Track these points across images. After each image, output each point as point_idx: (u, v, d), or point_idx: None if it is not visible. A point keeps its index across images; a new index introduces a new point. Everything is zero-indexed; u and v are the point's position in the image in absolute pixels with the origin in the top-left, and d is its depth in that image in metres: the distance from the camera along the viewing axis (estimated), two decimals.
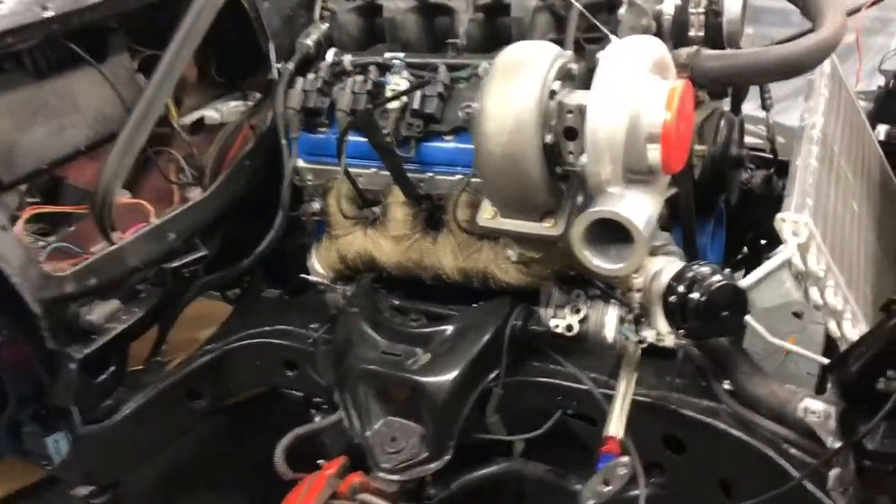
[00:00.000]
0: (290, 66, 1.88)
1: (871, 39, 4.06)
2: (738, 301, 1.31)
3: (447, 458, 1.56)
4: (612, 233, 1.33)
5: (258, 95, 2.03)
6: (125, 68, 1.90)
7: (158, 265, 1.71)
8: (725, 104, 1.96)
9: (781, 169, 2.02)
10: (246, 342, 1.87)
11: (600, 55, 1.32)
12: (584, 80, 1.43)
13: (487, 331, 1.59)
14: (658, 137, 1.29)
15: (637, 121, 1.29)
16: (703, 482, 1.50)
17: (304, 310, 1.97)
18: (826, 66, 2.05)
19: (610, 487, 1.26)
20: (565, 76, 1.40)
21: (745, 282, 1.34)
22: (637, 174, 1.34)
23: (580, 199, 1.46)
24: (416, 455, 1.55)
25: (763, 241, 2.17)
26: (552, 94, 1.36)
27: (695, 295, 1.31)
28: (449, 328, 1.64)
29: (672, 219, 1.75)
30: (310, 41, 1.94)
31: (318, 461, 1.55)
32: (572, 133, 1.36)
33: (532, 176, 1.37)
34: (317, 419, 1.75)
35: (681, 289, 1.33)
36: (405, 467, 1.54)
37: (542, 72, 1.35)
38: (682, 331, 1.35)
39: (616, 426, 1.41)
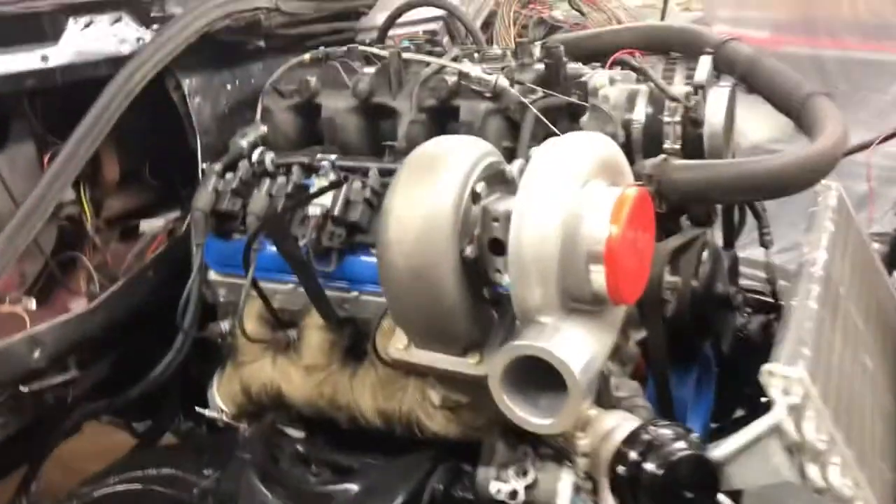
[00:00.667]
0: (217, 166, 1.64)
1: (886, 188, 3.83)
2: (706, 478, 0.98)
3: None
4: (544, 377, 1.03)
5: None
6: (26, 159, 1.67)
7: (15, 387, 1.42)
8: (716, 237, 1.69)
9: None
10: (120, 488, 1.53)
11: (533, 151, 1.06)
12: None
13: (397, 496, 1.26)
14: (601, 257, 1.01)
15: (575, 234, 1.01)
16: None
17: (211, 452, 1.65)
18: (832, 198, 1.79)
19: None
20: (494, 177, 1.13)
21: (718, 452, 1.02)
22: (580, 302, 1.04)
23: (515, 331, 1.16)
24: None
25: (763, 400, 1.83)
26: (475, 196, 1.09)
27: (649, 466, 0.98)
28: (353, 488, 1.31)
29: (644, 367, 1.44)
30: (244, 141, 1.71)
31: None
32: (499, 247, 1.08)
33: (447, 298, 1.08)
34: None
35: (633, 456, 1.00)
36: None
37: (463, 168, 1.09)
38: None
39: None
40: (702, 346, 1.60)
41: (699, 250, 1.48)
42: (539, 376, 1.04)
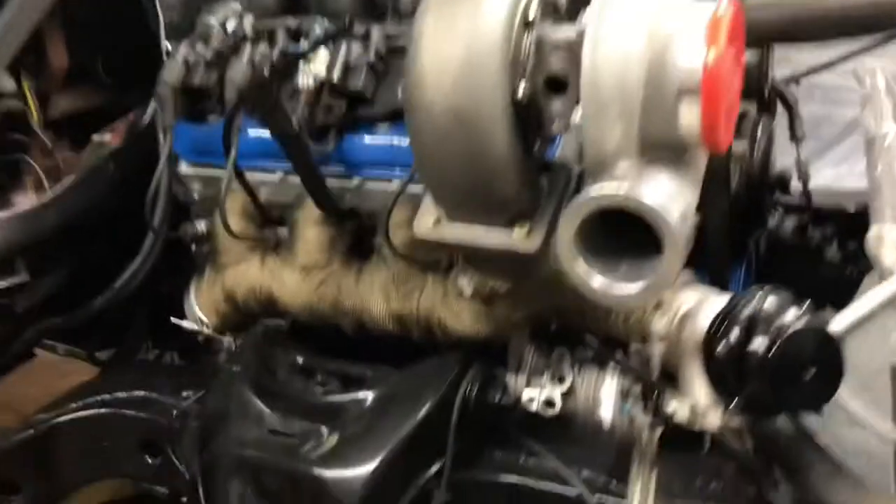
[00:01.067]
0: (184, 46, 1.39)
1: None
2: (829, 355, 0.79)
3: None
4: (618, 242, 0.83)
5: None
6: None
7: None
8: None
9: (818, 218, 1.56)
10: (87, 413, 1.31)
11: None
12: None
13: (425, 402, 1.06)
14: (696, 87, 0.80)
15: (663, 58, 0.80)
16: None
17: (189, 374, 1.43)
18: (880, 79, 1.60)
19: None
20: (546, 5, 0.91)
21: (836, 325, 0.83)
22: (661, 149, 0.84)
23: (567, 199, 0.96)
24: None
25: None
26: (527, 24, 0.87)
27: (759, 343, 0.79)
28: (369, 396, 1.11)
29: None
30: (214, 19, 1.45)
31: None
32: (559, 84, 0.86)
33: (495, 147, 0.87)
34: None
35: (734, 334, 0.80)
36: None
37: None
38: (734, 403, 0.83)
39: None
40: (749, 240, 1.42)
41: (756, 122, 1.29)
42: (610, 244, 0.84)
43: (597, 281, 0.81)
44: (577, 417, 1.21)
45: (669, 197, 0.78)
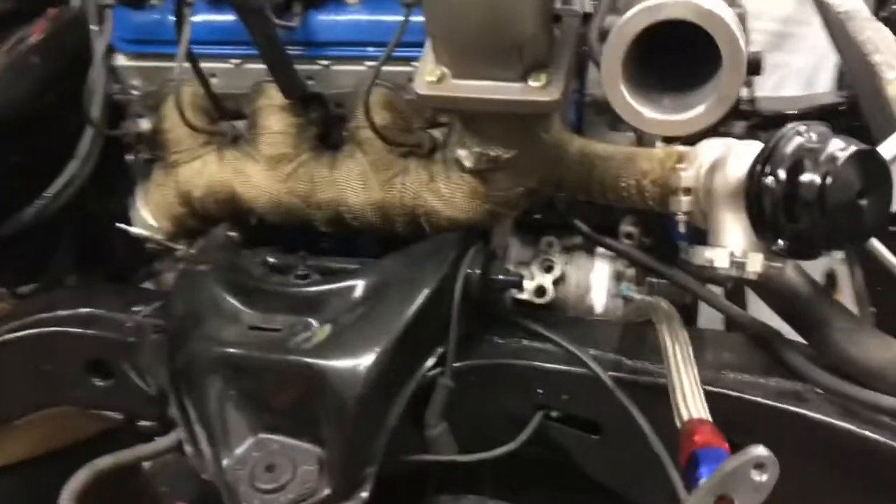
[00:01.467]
0: None
1: None
2: (878, 181, 0.76)
3: (364, 496, 0.92)
4: (659, 73, 0.77)
5: None
6: None
7: None
8: None
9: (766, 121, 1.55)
10: (24, 333, 1.16)
11: None
12: None
13: (426, 284, 0.97)
14: None
15: None
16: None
17: (135, 291, 1.30)
18: None
19: None
20: None
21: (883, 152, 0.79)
22: None
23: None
24: (310, 493, 0.90)
25: None
26: None
27: (811, 176, 0.74)
28: (359, 284, 1.01)
29: None
30: None
31: None
32: None
33: None
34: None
35: (783, 170, 0.76)
36: None
37: None
38: (781, 244, 0.78)
39: (696, 404, 0.81)
40: None
41: None
42: (646, 75, 0.78)
43: (647, 113, 0.74)
44: (566, 306, 1.17)
45: (722, 6, 0.72)
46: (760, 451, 0.63)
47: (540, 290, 1.16)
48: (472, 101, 0.88)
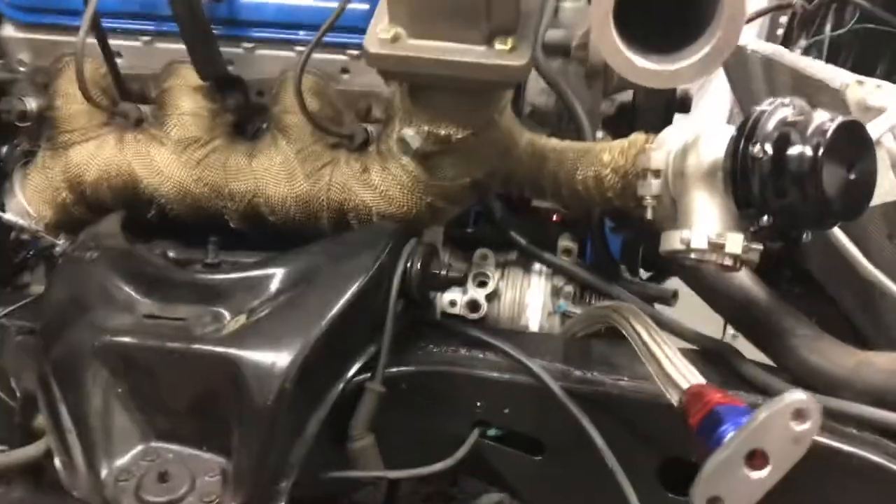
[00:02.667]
0: None
1: None
2: (862, 148, 0.72)
3: None
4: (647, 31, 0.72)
5: None
6: None
7: None
8: None
9: None
10: None
11: None
12: None
13: (359, 274, 0.85)
14: None
15: None
16: None
17: None
18: None
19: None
20: None
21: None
22: None
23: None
24: None
25: None
26: None
27: (800, 148, 0.69)
28: (279, 273, 0.88)
29: None
30: None
31: None
32: None
33: None
34: None
35: (769, 145, 0.70)
36: None
37: None
38: (765, 220, 0.72)
39: (690, 371, 0.72)
40: None
41: None
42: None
43: (639, 63, 0.68)
44: (501, 322, 1.08)
45: None
46: (799, 395, 0.54)
47: (473, 305, 1.06)
48: (430, 63, 0.80)
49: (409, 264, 0.88)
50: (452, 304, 1.06)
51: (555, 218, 1.13)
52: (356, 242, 0.90)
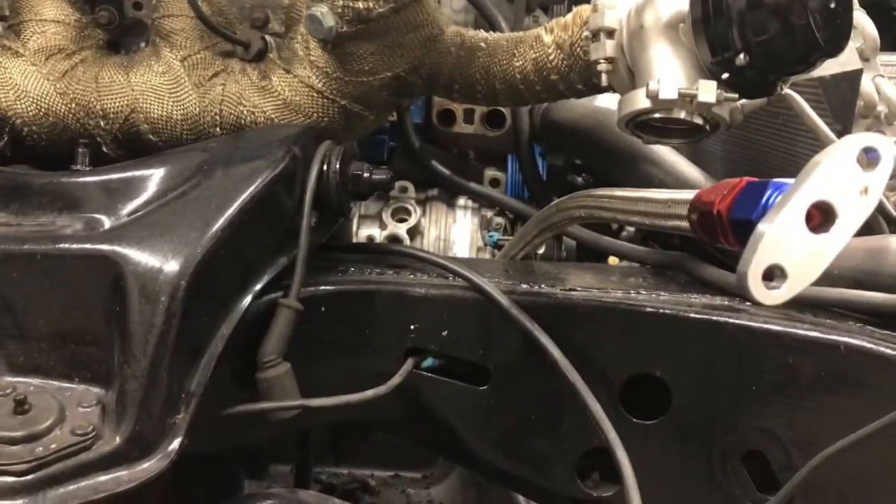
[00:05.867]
0: None
1: None
2: None
3: (173, 448, 0.60)
4: None
5: None
6: None
7: None
8: None
9: None
10: None
11: None
12: None
13: (264, 168, 0.71)
14: None
15: None
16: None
17: None
18: None
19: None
20: None
21: None
22: None
23: None
24: (86, 445, 0.58)
25: None
26: None
27: None
28: (162, 170, 0.72)
29: None
30: None
31: None
32: None
33: None
34: None
35: None
36: (49, 474, 0.55)
37: None
38: (742, 59, 0.63)
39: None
40: None
41: None
42: None
43: None
44: None
45: None
46: (865, 135, 0.44)
47: (393, 241, 0.93)
48: None
49: (325, 166, 0.75)
50: (370, 238, 0.93)
51: None
52: (262, 137, 0.76)
